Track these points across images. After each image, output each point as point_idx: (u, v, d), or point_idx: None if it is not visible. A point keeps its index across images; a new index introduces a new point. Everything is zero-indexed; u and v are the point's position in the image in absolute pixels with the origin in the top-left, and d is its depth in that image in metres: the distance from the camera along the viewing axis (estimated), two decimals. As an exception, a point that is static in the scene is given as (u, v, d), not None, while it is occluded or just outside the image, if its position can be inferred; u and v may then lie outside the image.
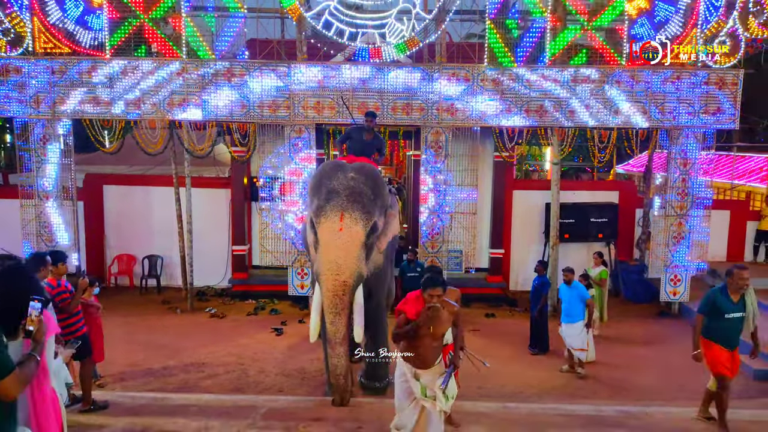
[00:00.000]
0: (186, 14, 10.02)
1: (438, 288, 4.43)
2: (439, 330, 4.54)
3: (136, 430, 5.11)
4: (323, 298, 5.87)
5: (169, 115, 10.24)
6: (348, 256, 5.86)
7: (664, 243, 10.67)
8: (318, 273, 5.99)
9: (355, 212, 5.96)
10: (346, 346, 5.82)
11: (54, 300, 5.27)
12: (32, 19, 10.12)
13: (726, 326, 5.46)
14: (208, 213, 11.66)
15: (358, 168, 6.42)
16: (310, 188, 6.67)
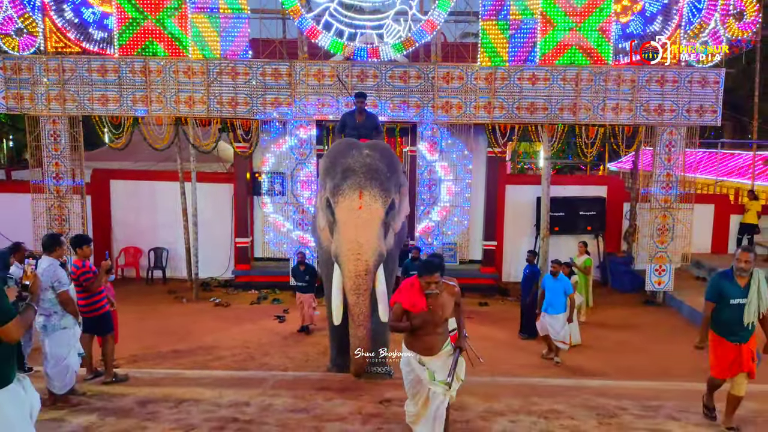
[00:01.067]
0: (191, 15, 10.53)
1: (435, 274, 4.27)
2: (442, 315, 4.41)
3: (156, 398, 5.61)
4: (345, 279, 5.80)
5: (175, 111, 10.76)
6: (368, 234, 5.76)
7: (649, 235, 11.24)
8: (338, 254, 5.89)
9: (373, 189, 5.87)
10: (368, 328, 5.76)
11: (79, 279, 5.80)
12: (44, 20, 10.59)
13: (731, 314, 4.96)
14: (211, 207, 12.17)
15: (372, 145, 6.38)
16: (323, 169, 6.50)
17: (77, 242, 5.94)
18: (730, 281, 5.03)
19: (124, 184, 12.52)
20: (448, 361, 4.37)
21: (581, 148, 11.36)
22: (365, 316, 5.72)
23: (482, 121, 10.97)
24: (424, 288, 4.29)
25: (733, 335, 4.99)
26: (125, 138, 11.06)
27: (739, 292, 4.96)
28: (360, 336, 5.72)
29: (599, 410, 5.52)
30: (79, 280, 5.78)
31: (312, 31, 10.56)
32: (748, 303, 4.93)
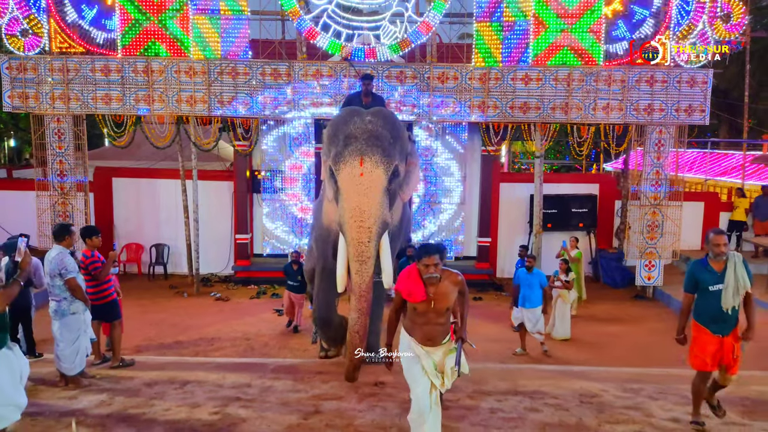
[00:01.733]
0: (193, 16, 10.88)
1: (433, 256, 4.14)
2: (442, 304, 4.25)
3: (162, 380, 5.94)
4: (348, 247, 5.79)
5: (177, 110, 11.09)
6: (371, 201, 5.72)
7: (639, 231, 11.58)
8: (341, 222, 5.90)
9: (375, 155, 5.82)
10: (369, 300, 5.73)
11: (88, 268, 6.13)
12: (49, 21, 10.92)
13: (711, 302, 4.88)
14: (212, 204, 12.50)
15: (375, 112, 6.34)
16: (326, 138, 6.47)
17: (87, 233, 6.28)
18: (705, 268, 4.95)
19: (126, 182, 12.84)
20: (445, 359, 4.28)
21: (573, 147, 11.70)
22: (367, 285, 5.68)
23: (476, 120, 11.31)
24: (423, 272, 4.14)
25: (714, 324, 4.90)
26: (128, 136, 11.39)
27: (716, 278, 4.88)
28: (360, 308, 5.64)
29: (582, 391, 5.85)
30: (88, 269, 6.12)
31: (310, 32, 10.91)
32: (725, 287, 4.83)
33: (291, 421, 4.84)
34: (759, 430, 5.07)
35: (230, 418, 4.88)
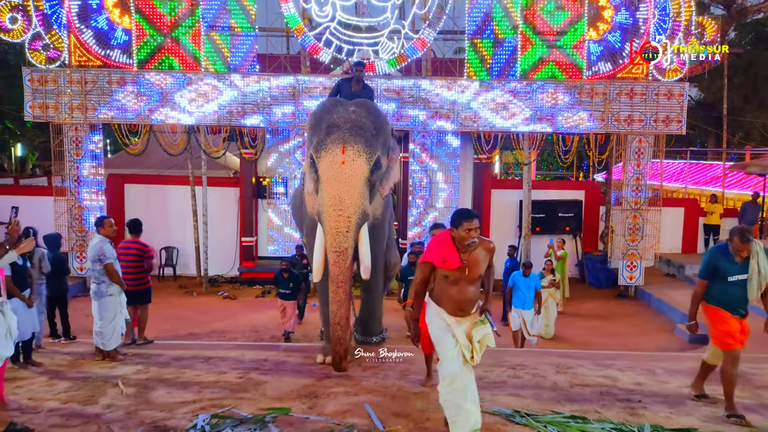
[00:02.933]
0: (205, 32, 11.83)
1: (473, 219, 4.05)
2: (476, 272, 4.16)
3: (188, 356, 6.78)
4: (326, 236, 5.80)
5: (188, 120, 12.00)
6: (351, 190, 5.73)
7: (621, 234, 12.51)
8: (320, 211, 5.90)
9: (357, 144, 5.84)
10: (348, 291, 5.76)
11: (143, 255, 7.14)
12: (69, 36, 11.85)
13: (731, 292, 4.86)
14: (219, 209, 13.37)
15: (358, 102, 6.41)
16: (308, 127, 6.48)
17: (137, 227, 7.27)
18: (726, 257, 4.92)
19: (138, 188, 13.71)
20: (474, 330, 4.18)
21: (558, 156, 12.65)
22: (345, 276, 5.69)
23: (468, 129, 12.26)
24: (464, 238, 4.03)
25: (733, 310, 4.92)
26: (142, 144, 12.30)
27: (738, 268, 4.86)
28: (339, 300, 5.67)
29: (559, 364, 6.72)
30: (144, 256, 7.12)
31: (314, 47, 11.88)
32: (750, 279, 4.81)
33: (306, 382, 5.69)
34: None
35: (254, 381, 5.73)
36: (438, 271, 4.18)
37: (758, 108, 25.72)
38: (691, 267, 13.23)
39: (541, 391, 5.69)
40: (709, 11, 26.08)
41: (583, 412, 4.94)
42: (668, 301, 11.59)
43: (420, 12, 12.02)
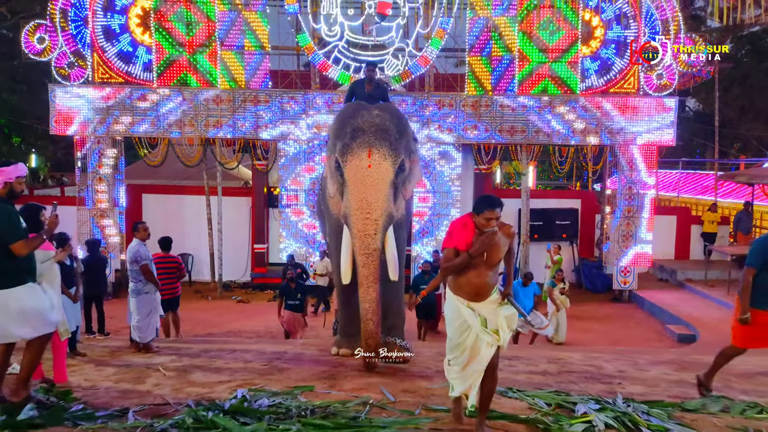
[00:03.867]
0: (221, 51, 12.72)
1: (496, 209, 4.07)
2: (495, 257, 4.22)
3: (215, 349, 7.56)
4: (354, 239, 5.95)
5: (204, 133, 12.87)
6: (377, 194, 5.86)
7: (615, 241, 13.32)
8: (347, 214, 6.04)
9: (382, 148, 5.96)
10: (377, 290, 5.89)
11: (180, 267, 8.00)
12: (92, 55, 12.76)
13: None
14: (231, 217, 14.21)
15: (381, 107, 6.56)
16: (332, 132, 6.58)
17: (168, 244, 8.21)
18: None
19: (154, 198, 14.57)
20: (497, 310, 4.21)
21: (555, 166, 13.49)
22: (374, 277, 5.87)
23: (469, 141, 13.11)
24: (483, 225, 4.07)
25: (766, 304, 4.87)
26: (161, 156, 13.16)
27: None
28: (370, 299, 5.86)
29: (551, 356, 7.50)
30: (180, 267, 8.03)
31: (323, 65, 12.77)
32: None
33: (324, 369, 6.46)
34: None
35: (278, 367, 6.49)
36: (459, 255, 4.18)
37: (754, 119, 26.51)
38: (683, 272, 14.03)
39: (533, 375, 6.46)
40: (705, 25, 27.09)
41: (567, 391, 5.73)
42: (659, 304, 12.38)
43: (423, 31, 12.93)
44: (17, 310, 4.41)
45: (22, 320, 4.45)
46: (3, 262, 4.39)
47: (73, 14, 12.65)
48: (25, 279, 4.55)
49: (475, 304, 4.20)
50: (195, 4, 12.63)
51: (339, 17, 12.65)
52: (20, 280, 4.49)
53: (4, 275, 4.40)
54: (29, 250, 4.57)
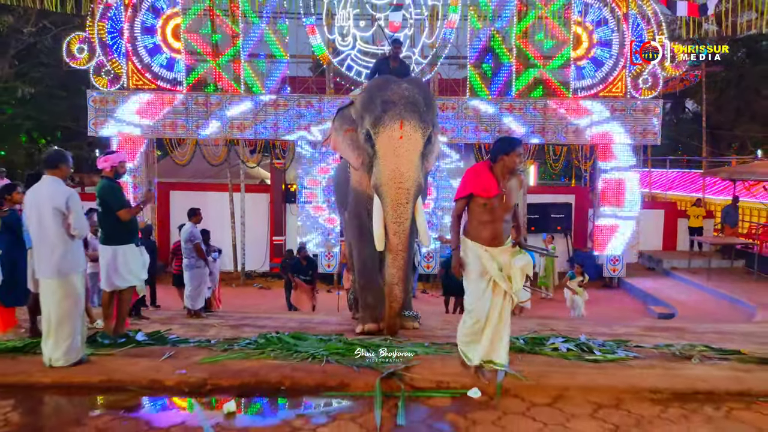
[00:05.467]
0: (245, 60, 14.37)
1: (521, 147, 4.47)
2: (511, 200, 4.48)
3: (247, 320, 9.14)
4: (386, 208, 6.19)
5: (229, 135, 14.49)
6: (409, 164, 6.11)
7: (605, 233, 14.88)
8: (378, 184, 6.29)
9: (413, 120, 6.19)
10: (405, 258, 6.26)
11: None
12: (127, 64, 14.41)
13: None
14: (252, 212, 15.82)
15: (410, 80, 6.85)
16: (360, 105, 6.76)
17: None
18: None
19: (182, 194, 16.19)
20: (511, 260, 4.48)
21: (550, 164, 15.07)
22: (404, 245, 6.21)
23: (471, 141, 14.69)
24: (514, 163, 4.45)
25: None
26: (189, 155, 14.80)
27: None
28: (398, 265, 6.23)
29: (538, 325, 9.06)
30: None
31: (337, 72, 14.39)
32: None
33: (346, 328, 8.06)
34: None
35: (309, 328, 8.07)
36: (474, 201, 4.47)
37: (750, 120, 27.99)
38: (668, 261, 15.60)
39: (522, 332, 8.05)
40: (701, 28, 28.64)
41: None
42: (644, 289, 13.95)
43: (428, 41, 14.53)
44: (122, 263, 5.99)
45: (123, 272, 6.02)
46: (113, 226, 5.99)
47: (109, 27, 14.30)
48: (129, 240, 6.12)
49: (493, 249, 4.43)
50: (221, 18, 14.28)
51: (351, 29, 14.28)
52: (126, 240, 6.07)
53: (113, 236, 5.99)
54: (131, 216, 6.09)
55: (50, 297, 4.92)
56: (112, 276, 6.00)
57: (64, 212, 4.87)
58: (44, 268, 4.94)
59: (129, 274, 6.07)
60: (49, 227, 4.87)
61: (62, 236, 4.91)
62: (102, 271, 6.07)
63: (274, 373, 4.68)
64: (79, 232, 4.99)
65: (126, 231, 6.09)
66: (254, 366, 4.88)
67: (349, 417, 4.07)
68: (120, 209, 5.96)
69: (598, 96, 14.55)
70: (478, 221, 4.48)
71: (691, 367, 5.11)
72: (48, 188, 4.94)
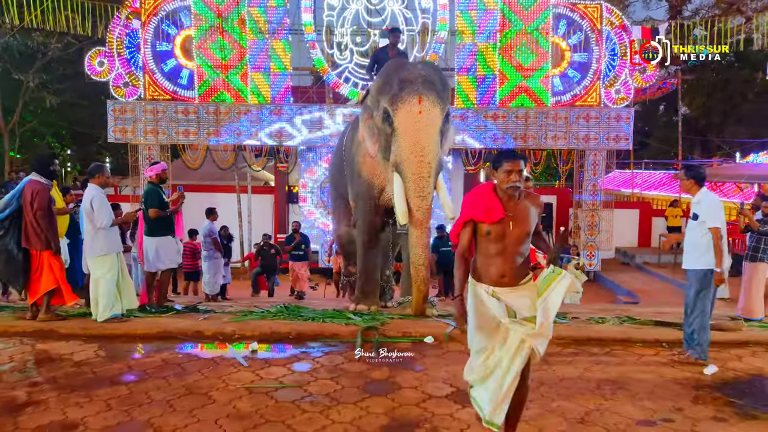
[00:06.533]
0: (251, 73, 16.23)
1: (517, 161, 3.60)
2: (523, 227, 3.67)
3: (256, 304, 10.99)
4: (408, 183, 6.40)
5: (237, 141, 16.35)
6: (429, 138, 6.30)
7: (583, 229, 16.69)
8: (399, 161, 6.47)
9: (431, 95, 6.38)
10: (428, 235, 6.58)
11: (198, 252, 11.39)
12: (144, 76, 16.28)
13: None
14: (257, 212, 17.69)
15: (424, 62, 7.38)
16: (375, 89, 6.96)
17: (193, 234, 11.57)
18: None
19: (193, 196, 17.94)
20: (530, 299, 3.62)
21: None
22: (427, 221, 6.47)
23: (459, 146, 16.52)
24: (503, 181, 3.63)
25: None
26: (200, 160, 16.67)
27: None
28: (423, 243, 6.51)
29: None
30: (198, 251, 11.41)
31: (336, 83, 16.24)
32: None
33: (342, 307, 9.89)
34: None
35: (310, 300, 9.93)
36: (478, 231, 3.71)
37: (736, 123, 29.84)
38: (641, 257, 17.45)
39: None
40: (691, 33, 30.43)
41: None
42: (615, 281, 15.78)
43: (419, 54, 16.37)
44: (163, 251, 7.84)
45: (162, 257, 7.86)
46: (154, 221, 7.84)
47: (128, 42, 16.16)
48: (167, 233, 7.98)
49: (501, 290, 3.61)
50: (230, 34, 16.14)
51: (349, 44, 16.14)
52: (164, 233, 7.93)
53: (155, 229, 7.84)
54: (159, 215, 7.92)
55: (92, 270, 6.89)
56: (155, 261, 7.84)
57: (90, 210, 6.73)
58: (87, 250, 6.93)
59: (167, 260, 7.91)
60: (86, 222, 6.77)
61: (91, 227, 6.81)
62: (146, 257, 7.92)
63: (284, 328, 6.54)
64: (100, 224, 6.82)
65: (164, 226, 7.93)
66: (269, 323, 6.74)
67: (337, 353, 5.93)
68: (151, 208, 7.76)
69: (575, 105, 16.37)
70: (484, 255, 3.70)
71: (598, 326, 6.92)
72: (86, 193, 6.93)
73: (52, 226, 6.79)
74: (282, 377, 5.22)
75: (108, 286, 6.76)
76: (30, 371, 5.36)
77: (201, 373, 5.28)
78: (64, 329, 6.52)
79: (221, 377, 5.18)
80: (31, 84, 18.69)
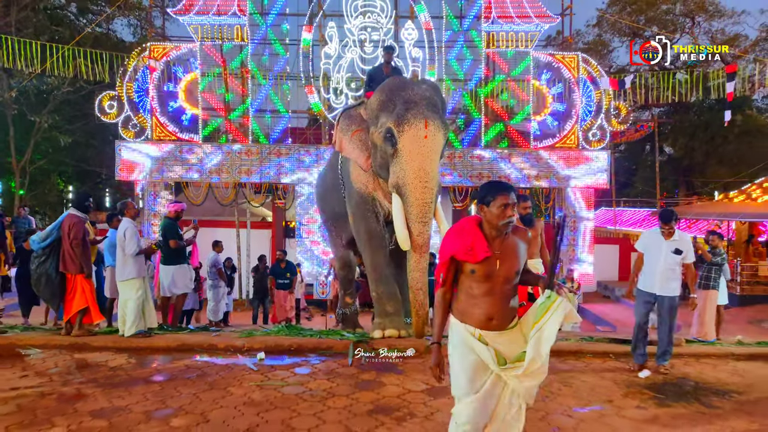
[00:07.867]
0: (252, 115, 17.58)
1: (511, 194, 3.30)
2: (511, 266, 3.37)
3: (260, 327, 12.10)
4: (411, 207, 6.39)
5: (237, 179, 17.61)
6: (432, 163, 6.29)
7: (564, 263, 17.88)
8: (402, 184, 6.41)
9: (436, 120, 6.37)
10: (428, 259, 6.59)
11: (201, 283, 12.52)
12: (151, 118, 17.61)
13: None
14: (256, 245, 18.83)
15: (426, 82, 7.17)
16: (376, 105, 6.82)
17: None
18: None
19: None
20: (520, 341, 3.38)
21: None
22: (427, 246, 6.52)
23: (447, 184, 17.81)
24: (498, 217, 3.29)
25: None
26: (203, 197, 17.91)
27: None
28: (422, 268, 6.58)
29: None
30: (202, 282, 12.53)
31: (332, 125, 17.58)
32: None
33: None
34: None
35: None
36: (462, 268, 3.43)
37: (717, 163, 31.30)
38: (620, 290, 18.62)
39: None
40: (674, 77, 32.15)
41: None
42: (597, 313, 16.94)
43: (409, 99, 17.75)
44: (179, 277, 8.99)
45: (177, 283, 9.01)
46: (170, 251, 9.00)
47: (136, 87, 17.55)
48: (182, 261, 9.14)
49: (489, 334, 3.37)
50: (233, 78, 17.54)
51: (344, 89, 17.55)
52: (179, 262, 9.09)
53: (171, 257, 9.01)
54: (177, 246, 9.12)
55: (121, 291, 8.03)
56: (170, 286, 8.99)
57: (122, 239, 7.91)
58: (118, 274, 8.08)
59: (182, 285, 9.06)
60: (118, 249, 7.95)
61: (122, 254, 7.98)
62: (162, 283, 9.06)
63: (286, 342, 7.68)
64: (129, 251, 7.99)
65: (179, 255, 9.10)
66: (273, 338, 7.89)
67: (332, 361, 7.08)
68: (171, 239, 8.95)
69: (555, 147, 17.75)
70: (467, 294, 3.43)
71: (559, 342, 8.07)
72: (121, 224, 8.11)
73: (85, 253, 7.95)
74: (286, 378, 6.36)
75: (135, 306, 7.89)
76: (74, 374, 6.49)
77: (219, 375, 6.42)
78: (96, 343, 7.64)
79: (236, 377, 6.32)
80: (44, 125, 20.02)
